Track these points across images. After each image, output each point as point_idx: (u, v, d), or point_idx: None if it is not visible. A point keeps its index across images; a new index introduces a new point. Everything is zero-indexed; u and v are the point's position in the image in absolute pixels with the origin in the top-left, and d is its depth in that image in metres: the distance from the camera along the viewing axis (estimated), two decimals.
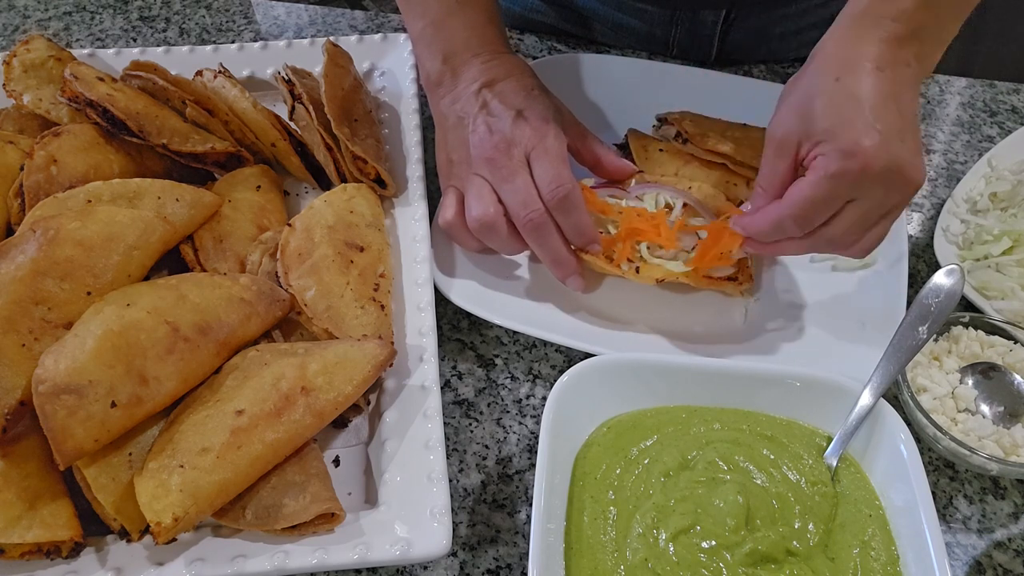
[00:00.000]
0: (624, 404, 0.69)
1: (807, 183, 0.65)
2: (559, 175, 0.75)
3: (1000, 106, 1.05)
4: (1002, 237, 0.84)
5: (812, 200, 0.65)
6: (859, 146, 0.62)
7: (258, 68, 1.01)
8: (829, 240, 0.69)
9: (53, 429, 0.60)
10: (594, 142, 0.84)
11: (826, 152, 0.63)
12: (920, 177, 0.64)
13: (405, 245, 0.84)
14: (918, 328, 0.70)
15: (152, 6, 1.22)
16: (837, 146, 0.63)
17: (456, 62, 0.83)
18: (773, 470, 0.65)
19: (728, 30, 1.08)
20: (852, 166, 0.62)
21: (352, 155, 0.85)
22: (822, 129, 0.64)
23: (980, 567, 0.67)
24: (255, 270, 0.78)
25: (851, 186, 0.64)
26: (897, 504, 0.63)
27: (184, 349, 0.67)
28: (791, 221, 0.67)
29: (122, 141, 0.84)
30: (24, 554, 0.61)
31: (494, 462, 0.74)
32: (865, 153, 0.62)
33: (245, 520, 0.63)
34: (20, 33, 1.18)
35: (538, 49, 1.12)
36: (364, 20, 1.19)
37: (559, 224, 0.76)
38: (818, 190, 0.64)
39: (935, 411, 0.71)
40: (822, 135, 0.64)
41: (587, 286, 0.80)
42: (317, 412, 0.67)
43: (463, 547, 0.69)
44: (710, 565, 0.59)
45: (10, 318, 0.65)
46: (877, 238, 0.69)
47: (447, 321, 0.83)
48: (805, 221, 0.67)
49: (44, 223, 0.70)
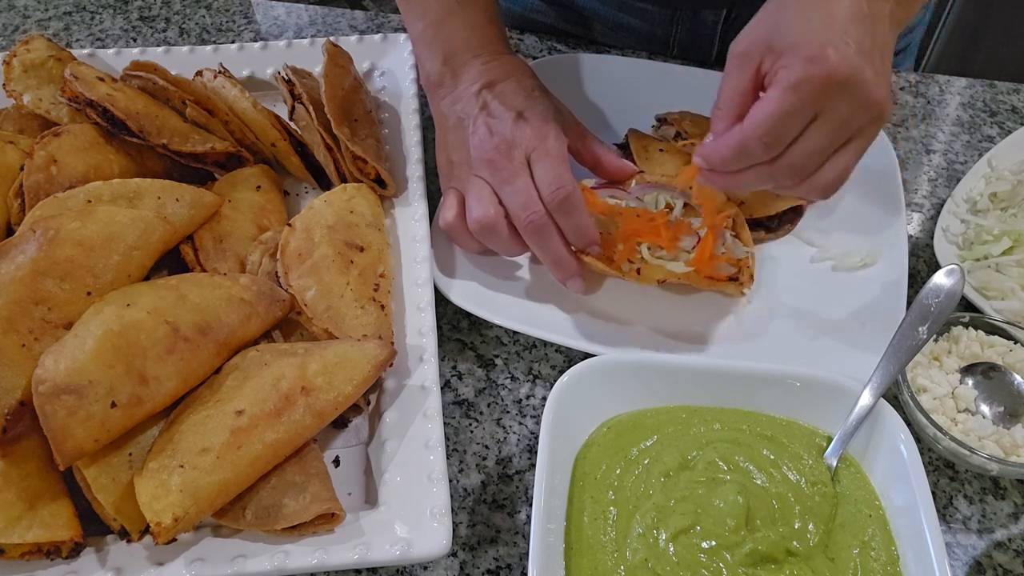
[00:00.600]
0: (624, 404, 0.69)
1: (769, 98, 0.61)
2: (559, 176, 0.75)
3: (1000, 106, 1.05)
4: (1002, 237, 0.84)
5: (777, 114, 0.61)
6: (824, 53, 0.59)
7: (258, 68, 1.01)
8: (792, 166, 0.64)
9: (53, 429, 0.60)
10: (594, 142, 0.84)
11: (789, 63, 0.60)
12: (886, 101, 0.62)
13: (405, 245, 0.84)
14: (918, 328, 0.70)
15: (152, 6, 1.22)
16: (802, 54, 0.60)
17: (456, 63, 0.83)
18: (773, 470, 0.65)
19: (729, 30, 1.07)
20: (816, 72, 0.59)
21: (352, 155, 0.85)
22: (788, 40, 0.61)
23: (980, 567, 0.67)
24: (255, 270, 0.78)
25: (815, 96, 0.60)
26: (897, 504, 0.63)
27: (184, 349, 0.67)
28: (756, 142, 0.62)
29: (122, 141, 0.84)
30: (24, 554, 0.61)
31: (494, 462, 0.74)
32: (830, 60, 0.59)
33: (245, 520, 0.63)
34: (20, 33, 1.18)
35: (538, 49, 1.12)
36: (364, 20, 1.19)
37: (559, 226, 0.76)
38: (782, 103, 0.61)
39: (935, 411, 0.71)
40: (787, 45, 0.61)
41: (588, 287, 0.80)
42: (317, 412, 0.67)
43: (463, 547, 0.69)
44: (710, 565, 0.59)
45: (10, 318, 0.65)
46: (841, 169, 0.65)
47: (447, 321, 0.83)
48: (771, 141, 0.62)
49: (44, 223, 0.70)
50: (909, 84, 1.08)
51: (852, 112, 0.62)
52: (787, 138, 0.63)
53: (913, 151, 1.00)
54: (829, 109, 0.61)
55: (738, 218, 0.83)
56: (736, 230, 0.82)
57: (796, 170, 0.65)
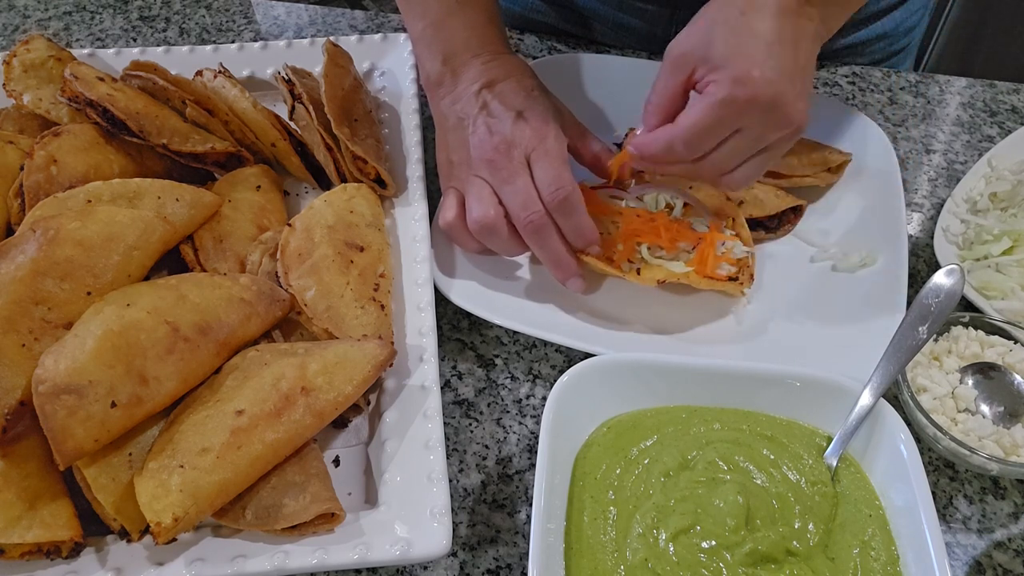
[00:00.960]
0: (624, 404, 0.69)
1: (698, 108, 0.67)
2: (559, 176, 0.75)
3: (1000, 106, 1.05)
4: (1002, 237, 0.84)
5: (702, 124, 0.67)
6: (750, 76, 0.65)
7: (258, 68, 1.01)
8: (710, 167, 0.71)
9: (53, 429, 0.60)
10: (594, 142, 0.84)
11: (718, 79, 0.66)
12: (801, 120, 0.68)
13: (405, 245, 0.84)
14: (918, 328, 0.70)
15: (152, 6, 1.22)
16: (730, 73, 0.65)
17: (456, 63, 0.83)
18: (773, 470, 0.65)
19: None
20: (741, 93, 0.65)
21: (352, 155, 0.85)
22: (719, 55, 0.66)
23: (980, 567, 0.67)
24: (255, 270, 0.78)
25: (738, 114, 0.66)
26: (897, 504, 0.63)
27: (184, 349, 0.67)
28: (681, 144, 0.69)
29: (122, 141, 0.84)
30: (24, 554, 0.61)
31: (494, 462, 0.74)
32: (755, 83, 0.65)
33: (245, 520, 0.63)
34: (20, 33, 1.19)
35: (538, 49, 1.12)
36: (364, 20, 1.19)
37: (559, 226, 0.76)
38: (708, 115, 0.67)
39: (935, 411, 0.71)
40: (718, 61, 0.66)
41: (588, 287, 0.80)
42: (317, 412, 0.67)
43: (463, 547, 0.69)
44: (710, 565, 0.59)
45: (10, 318, 0.65)
46: (752, 172, 0.72)
47: (447, 321, 0.83)
48: (694, 145, 0.69)
49: (44, 223, 0.70)
50: (909, 84, 1.08)
51: (769, 129, 0.68)
52: (709, 145, 0.69)
53: (913, 151, 1.00)
54: (749, 125, 0.68)
55: (738, 218, 0.83)
56: (736, 230, 0.82)
57: (714, 171, 0.72)
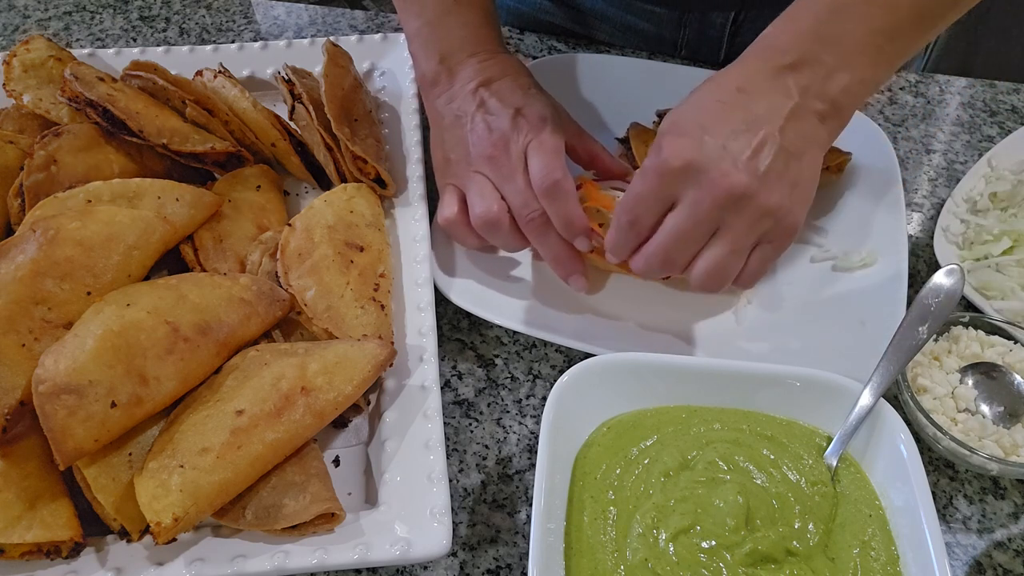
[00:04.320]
0: (624, 404, 0.69)
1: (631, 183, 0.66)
2: (548, 164, 0.74)
3: (1000, 106, 1.05)
4: (1002, 237, 0.84)
5: (632, 196, 0.65)
6: (669, 141, 0.62)
7: (258, 68, 1.01)
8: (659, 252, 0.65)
9: (53, 429, 0.60)
10: (590, 141, 0.84)
11: (652, 150, 0.64)
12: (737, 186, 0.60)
13: (405, 245, 0.84)
14: (918, 328, 0.70)
15: (152, 6, 1.22)
16: (656, 141, 0.64)
17: (452, 62, 0.83)
18: (773, 470, 0.65)
19: (737, 32, 1.07)
20: (655, 160, 0.63)
21: (352, 155, 0.85)
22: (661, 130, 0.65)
23: (980, 567, 0.67)
24: (255, 270, 0.78)
25: (660, 181, 0.63)
26: (897, 504, 0.63)
27: (184, 349, 0.67)
28: (626, 223, 0.66)
29: (122, 141, 0.84)
30: (24, 554, 0.61)
31: (494, 462, 0.74)
32: (672, 147, 0.61)
33: (245, 520, 0.63)
34: (20, 33, 1.19)
35: (538, 49, 1.12)
36: (364, 20, 1.19)
37: (548, 213, 0.75)
38: (635, 185, 0.65)
39: (935, 411, 0.71)
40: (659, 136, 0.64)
41: (590, 286, 0.80)
42: (317, 412, 0.67)
43: (463, 547, 0.69)
44: (710, 565, 0.59)
45: (10, 318, 0.65)
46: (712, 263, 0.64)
47: (447, 321, 0.83)
48: (632, 220, 0.66)
49: (44, 223, 0.70)
50: (909, 84, 1.08)
51: (703, 199, 0.62)
52: (645, 219, 0.65)
53: (913, 151, 1.00)
54: (681, 196, 0.63)
55: None
56: None
57: (665, 258, 0.66)
